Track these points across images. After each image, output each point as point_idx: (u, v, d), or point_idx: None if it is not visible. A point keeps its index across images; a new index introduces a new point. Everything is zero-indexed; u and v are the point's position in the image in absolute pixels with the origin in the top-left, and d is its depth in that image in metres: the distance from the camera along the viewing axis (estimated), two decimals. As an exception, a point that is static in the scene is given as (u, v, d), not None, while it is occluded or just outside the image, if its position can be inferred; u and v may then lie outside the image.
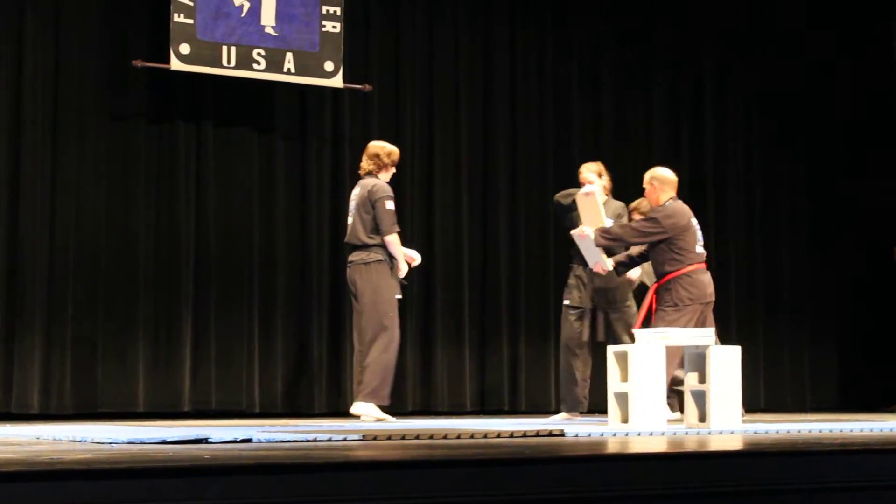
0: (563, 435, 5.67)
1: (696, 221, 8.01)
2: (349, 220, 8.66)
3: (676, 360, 7.26)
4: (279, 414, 9.63)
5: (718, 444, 5.09)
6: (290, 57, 9.72)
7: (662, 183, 8.01)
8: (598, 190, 8.48)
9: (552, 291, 10.49)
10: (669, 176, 8.04)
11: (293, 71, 9.73)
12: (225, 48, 9.51)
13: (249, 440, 4.96)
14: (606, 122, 11.31)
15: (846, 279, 12.06)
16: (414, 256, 8.86)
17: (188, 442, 4.77)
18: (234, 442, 4.86)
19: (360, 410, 8.39)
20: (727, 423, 6.44)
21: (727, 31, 11.83)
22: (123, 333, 9.30)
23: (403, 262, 8.59)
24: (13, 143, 9.10)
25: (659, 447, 4.76)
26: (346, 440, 5.14)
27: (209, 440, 4.84)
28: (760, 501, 3.88)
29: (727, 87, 11.80)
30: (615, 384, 6.57)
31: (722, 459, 4.19)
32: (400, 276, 8.62)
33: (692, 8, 11.68)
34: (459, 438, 5.32)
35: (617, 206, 8.89)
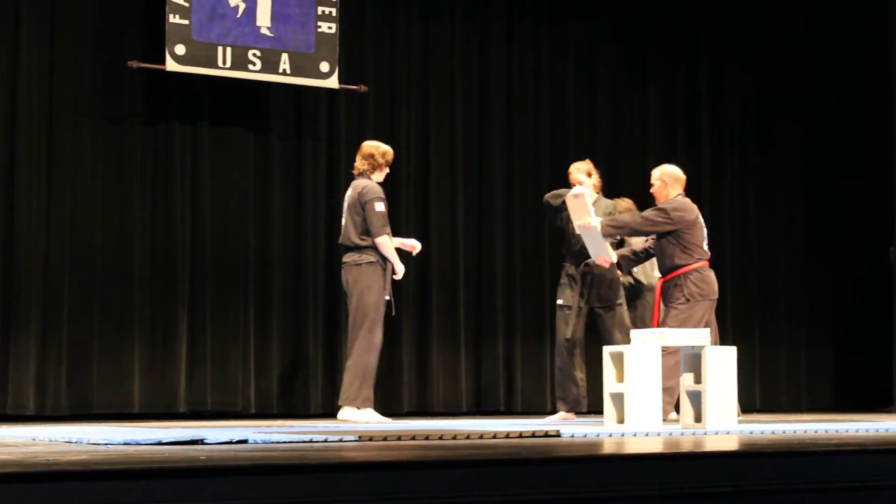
0: (558, 435, 5.67)
1: (702, 219, 8.11)
2: (342, 221, 8.66)
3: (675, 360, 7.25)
4: (275, 415, 9.63)
5: (714, 444, 5.09)
6: (285, 58, 9.71)
7: (673, 180, 8.19)
8: (586, 191, 8.49)
9: (548, 291, 10.49)
10: (679, 174, 8.23)
11: (289, 72, 9.73)
12: (220, 49, 9.50)
13: (245, 441, 4.96)
14: (602, 121, 11.31)
15: (842, 279, 12.06)
16: (414, 244, 8.86)
17: (184, 443, 4.76)
18: (230, 443, 4.86)
19: (345, 416, 8.38)
20: (723, 423, 6.45)
21: (723, 30, 11.83)
22: (119, 334, 9.29)
23: (399, 263, 8.58)
24: (9, 143, 9.09)
25: (655, 448, 4.76)
26: (341, 441, 5.14)
27: (205, 441, 4.83)
28: (756, 502, 3.89)
29: (723, 86, 11.80)
30: (611, 385, 6.56)
31: (718, 460, 4.19)
32: (397, 277, 8.61)
33: (688, 7, 11.68)
34: (455, 439, 5.32)
35: (608, 204, 8.89)
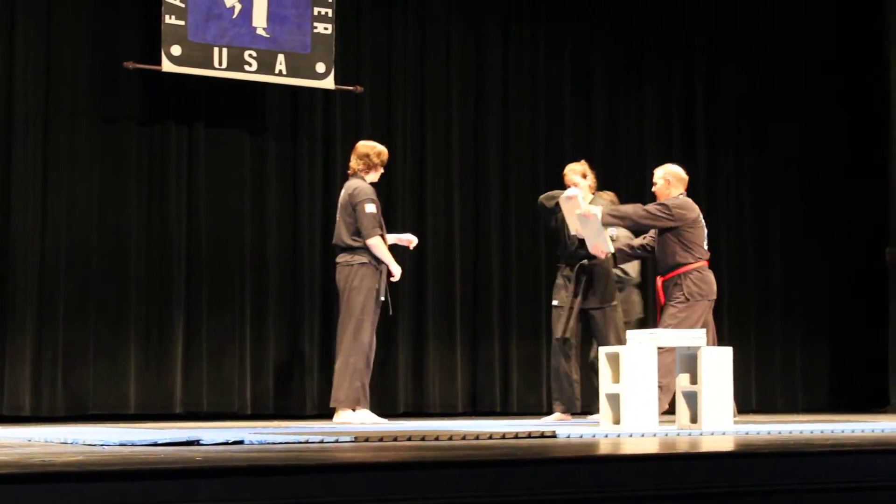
0: (554, 436, 5.67)
1: (703, 220, 8.15)
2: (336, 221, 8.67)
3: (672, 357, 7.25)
4: (271, 415, 9.62)
5: (710, 444, 5.09)
6: (281, 58, 9.71)
7: (677, 180, 8.33)
8: (579, 192, 8.48)
9: (544, 292, 10.49)
10: (682, 174, 8.37)
11: (285, 72, 9.73)
12: (216, 50, 9.50)
13: (241, 442, 4.95)
14: (598, 121, 11.31)
15: (838, 280, 12.07)
16: (410, 239, 8.86)
17: (180, 444, 4.76)
18: (225, 444, 4.85)
19: (341, 419, 8.37)
20: (719, 423, 6.45)
21: (720, 30, 11.84)
22: (115, 335, 9.29)
23: (395, 265, 8.56)
24: (4, 143, 9.08)
25: (651, 448, 4.76)
26: (337, 442, 5.13)
27: (201, 442, 4.83)
28: (752, 502, 3.89)
29: (719, 86, 11.81)
30: (607, 385, 6.56)
31: (714, 460, 4.19)
32: (394, 278, 8.59)
33: (685, 7, 11.68)
34: (451, 440, 5.32)
35: (604, 205, 8.88)
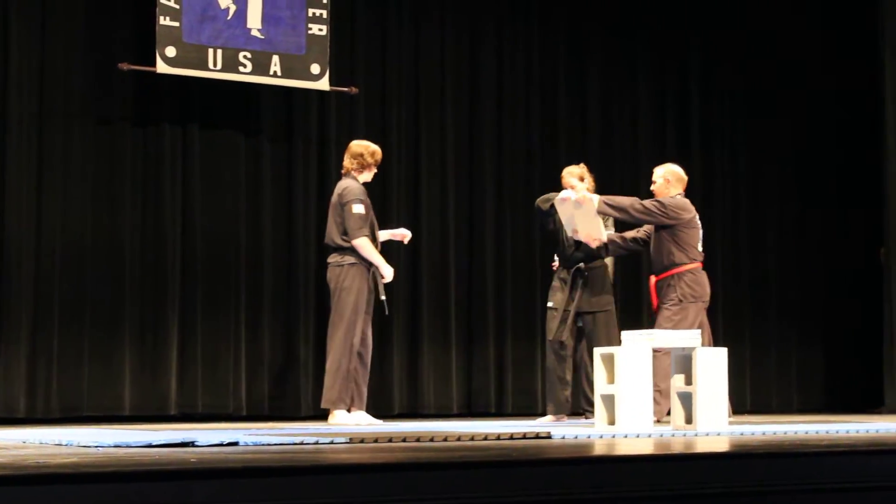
0: (549, 437, 5.67)
1: (699, 221, 8.15)
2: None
3: (667, 361, 7.25)
4: (266, 417, 9.62)
5: (705, 445, 5.09)
6: (276, 60, 9.71)
7: (676, 179, 8.32)
8: (573, 194, 8.48)
9: (539, 293, 10.49)
10: (682, 174, 8.37)
11: (279, 74, 9.72)
12: (211, 51, 9.50)
13: (236, 443, 4.95)
14: (593, 121, 11.31)
15: (833, 280, 12.08)
16: (404, 233, 8.85)
17: (175, 445, 4.75)
18: (220, 445, 4.85)
19: (336, 420, 8.37)
20: (714, 424, 6.45)
21: (714, 30, 11.84)
22: (109, 336, 9.27)
23: (384, 266, 8.51)
24: (-2, 145, 9.09)
25: (646, 449, 4.76)
26: (332, 443, 5.14)
27: (196, 443, 4.83)
28: (747, 503, 3.89)
29: (714, 86, 11.81)
30: (602, 386, 6.56)
31: (709, 461, 4.19)
32: (384, 279, 8.55)
33: (679, 7, 11.69)
34: (446, 441, 5.32)
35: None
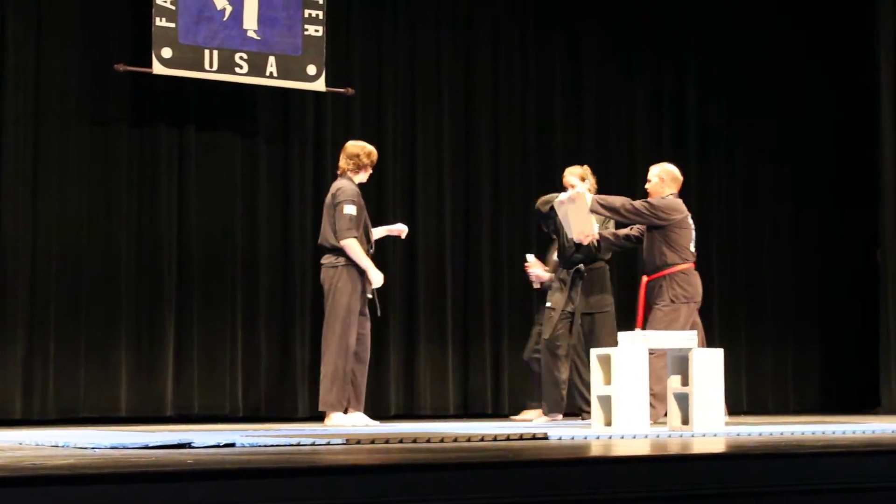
0: (546, 438, 5.67)
1: (692, 222, 8.10)
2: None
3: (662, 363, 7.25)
4: (262, 418, 9.61)
5: (702, 446, 5.10)
6: (272, 61, 9.70)
7: (671, 179, 8.22)
8: (568, 196, 8.47)
9: (535, 293, 10.48)
10: (677, 174, 8.26)
11: (275, 75, 9.72)
12: (207, 52, 9.49)
13: (233, 445, 4.95)
14: (589, 121, 11.31)
15: (829, 280, 12.08)
16: (401, 228, 8.82)
17: (171, 447, 4.75)
18: (217, 446, 4.85)
19: (333, 422, 8.36)
20: (710, 425, 6.45)
21: (710, 30, 11.84)
22: (106, 338, 9.27)
23: (373, 270, 8.44)
24: (-5, 146, 9.09)
25: (642, 450, 4.76)
26: (329, 444, 5.13)
27: (192, 445, 4.83)
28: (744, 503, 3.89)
29: (710, 86, 11.81)
30: (598, 387, 6.56)
31: (705, 462, 4.20)
32: (374, 284, 8.51)
33: (675, 7, 11.69)
34: (443, 442, 5.32)
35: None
